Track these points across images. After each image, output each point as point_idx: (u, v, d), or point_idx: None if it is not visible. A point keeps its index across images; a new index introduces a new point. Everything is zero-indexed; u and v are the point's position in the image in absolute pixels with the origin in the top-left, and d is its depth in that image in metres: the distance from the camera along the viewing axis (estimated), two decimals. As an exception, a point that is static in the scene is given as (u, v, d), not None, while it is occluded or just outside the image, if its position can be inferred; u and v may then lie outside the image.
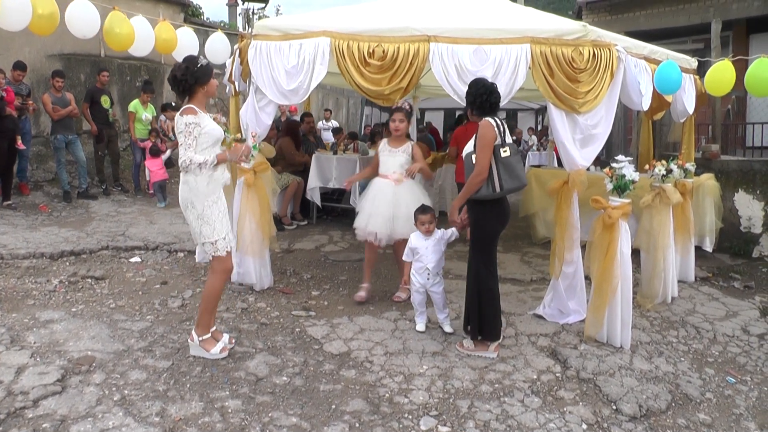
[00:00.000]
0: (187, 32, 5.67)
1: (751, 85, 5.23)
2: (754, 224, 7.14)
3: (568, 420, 3.32)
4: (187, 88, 3.75)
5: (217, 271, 3.87)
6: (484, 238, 4.04)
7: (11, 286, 5.13)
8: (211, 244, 3.78)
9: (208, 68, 3.81)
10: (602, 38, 4.44)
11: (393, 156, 5.02)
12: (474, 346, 4.12)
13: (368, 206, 4.99)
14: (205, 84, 3.77)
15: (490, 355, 4.06)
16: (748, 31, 10.65)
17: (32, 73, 9.64)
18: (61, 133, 8.59)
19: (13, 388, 3.36)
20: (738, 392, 3.79)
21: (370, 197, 5.04)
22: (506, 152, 3.89)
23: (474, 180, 3.87)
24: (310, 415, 3.25)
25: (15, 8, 4.51)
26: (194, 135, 3.65)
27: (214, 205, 3.78)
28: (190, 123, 3.64)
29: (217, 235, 3.77)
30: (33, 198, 8.71)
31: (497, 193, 3.88)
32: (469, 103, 4.06)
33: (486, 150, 3.86)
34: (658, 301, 5.24)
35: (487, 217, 4.00)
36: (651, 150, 6.90)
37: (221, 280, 3.90)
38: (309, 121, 9.03)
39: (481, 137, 3.89)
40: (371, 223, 4.92)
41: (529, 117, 17.15)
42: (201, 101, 3.81)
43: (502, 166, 3.86)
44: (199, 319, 3.91)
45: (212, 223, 3.76)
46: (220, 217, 3.80)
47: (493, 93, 3.99)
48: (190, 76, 3.72)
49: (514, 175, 3.90)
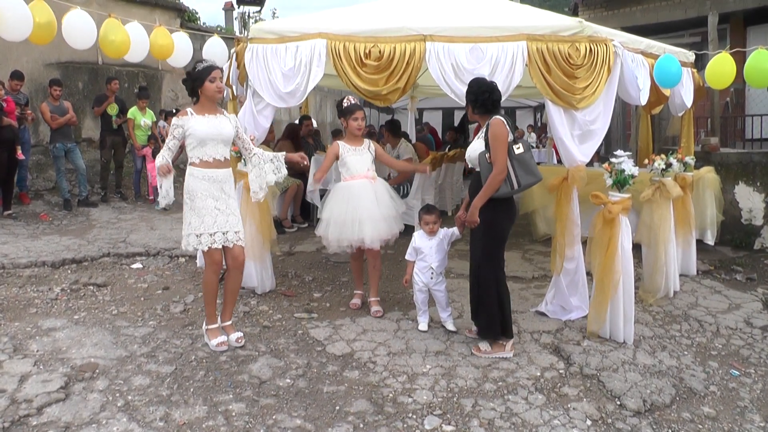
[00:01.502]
0: (182, 37, 5.67)
1: (750, 76, 5.23)
2: (755, 216, 7.14)
3: (572, 416, 3.32)
4: (190, 91, 4.01)
5: (206, 264, 4.04)
6: (497, 236, 4.05)
7: (13, 295, 5.13)
8: (195, 237, 3.91)
9: (204, 71, 3.92)
10: (598, 34, 4.44)
11: (361, 155, 4.73)
12: (491, 348, 4.08)
13: (352, 213, 4.58)
14: (201, 86, 3.94)
15: (508, 355, 4.03)
16: (745, 23, 10.63)
17: (30, 82, 9.65)
18: (60, 142, 8.60)
19: (17, 396, 3.36)
20: (742, 385, 3.78)
21: (352, 204, 4.60)
22: (519, 149, 3.93)
23: (495, 179, 3.87)
24: (314, 417, 3.24)
25: (16, 19, 4.52)
26: (175, 135, 3.90)
27: (209, 199, 3.91)
28: (174, 124, 3.93)
29: (204, 229, 3.89)
30: (33, 207, 8.71)
31: (515, 189, 3.93)
32: (471, 102, 4.07)
33: (502, 148, 3.88)
34: (660, 295, 5.23)
35: (500, 216, 4.02)
36: (650, 144, 6.89)
37: (208, 273, 4.04)
38: (307, 124, 9.03)
39: (494, 136, 3.89)
40: (361, 230, 4.56)
41: (527, 114, 17.16)
42: (203, 103, 4.01)
43: (517, 163, 3.91)
44: (205, 309, 4.15)
45: (201, 216, 3.89)
46: (214, 213, 3.92)
47: (495, 91, 4.02)
48: (189, 80, 3.97)
49: (529, 170, 3.94)
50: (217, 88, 3.95)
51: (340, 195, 4.71)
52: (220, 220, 3.93)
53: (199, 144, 3.90)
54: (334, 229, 4.62)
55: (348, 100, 4.81)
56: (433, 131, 13.79)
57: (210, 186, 3.91)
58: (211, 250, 3.93)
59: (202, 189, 3.90)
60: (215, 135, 3.93)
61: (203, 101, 3.99)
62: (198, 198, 3.89)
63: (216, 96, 3.99)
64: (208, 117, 3.95)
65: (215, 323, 4.13)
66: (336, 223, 4.61)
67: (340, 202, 4.67)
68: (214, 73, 3.94)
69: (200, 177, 3.91)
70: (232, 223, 4.00)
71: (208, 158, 3.93)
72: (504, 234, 4.09)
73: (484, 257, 4.04)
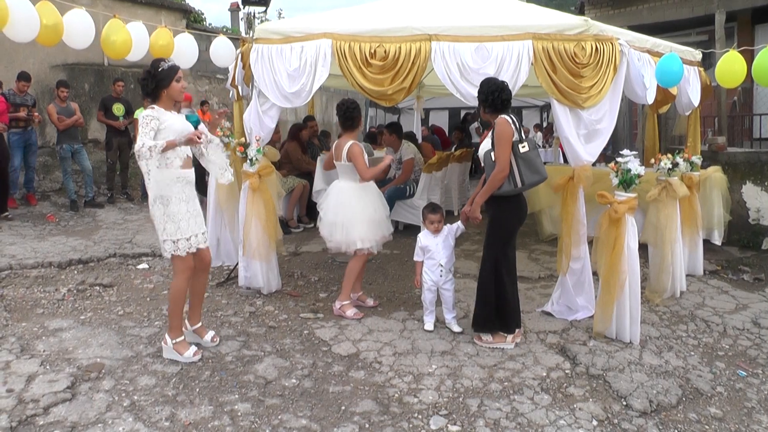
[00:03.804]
0: (187, 38, 5.68)
1: (759, 75, 5.18)
2: (762, 216, 7.09)
3: (578, 416, 3.30)
4: (150, 92, 3.80)
5: (178, 271, 3.86)
6: (503, 234, 4.11)
7: (20, 295, 5.16)
8: (172, 243, 3.76)
9: (170, 71, 3.79)
10: (604, 32, 4.42)
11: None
12: (492, 338, 4.17)
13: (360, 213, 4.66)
14: (166, 87, 3.78)
15: (508, 346, 4.14)
16: (753, 21, 10.57)
17: (37, 83, 9.70)
18: (66, 143, 8.64)
19: (24, 396, 3.38)
20: (749, 385, 3.75)
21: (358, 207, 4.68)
22: (525, 147, 3.96)
23: (497, 176, 3.93)
24: (319, 417, 3.24)
25: (23, 20, 4.53)
26: (151, 126, 3.65)
27: (182, 203, 3.79)
28: (146, 115, 3.67)
29: (181, 234, 3.77)
30: (40, 208, 8.77)
31: (519, 188, 3.96)
32: (482, 101, 4.11)
33: (505, 146, 3.92)
34: (667, 295, 5.21)
35: (506, 214, 4.09)
36: (657, 144, 6.86)
37: (180, 280, 3.88)
38: (312, 125, 9.02)
39: (499, 134, 3.95)
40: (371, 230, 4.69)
41: (534, 114, 17.10)
42: (166, 103, 3.83)
43: (522, 162, 3.94)
44: (170, 322, 3.94)
45: (177, 222, 3.76)
46: (187, 217, 3.80)
47: (504, 90, 4.05)
48: (151, 80, 3.77)
49: (534, 169, 3.97)
50: (182, 87, 3.85)
51: (344, 197, 4.73)
52: (192, 223, 3.84)
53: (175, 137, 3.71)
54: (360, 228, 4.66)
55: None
56: (440, 131, 13.74)
57: (183, 188, 3.80)
58: (188, 255, 3.82)
59: (176, 192, 3.76)
60: (185, 131, 3.78)
61: (165, 102, 3.81)
62: (173, 203, 3.75)
63: (180, 97, 3.89)
64: (175, 114, 3.86)
65: (182, 335, 3.94)
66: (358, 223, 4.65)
67: (346, 204, 4.70)
68: (179, 73, 3.85)
69: (174, 179, 3.76)
70: (200, 225, 3.93)
71: (183, 156, 3.81)
72: (509, 232, 4.13)
73: (486, 252, 4.15)
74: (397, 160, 7.70)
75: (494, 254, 4.11)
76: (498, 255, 4.10)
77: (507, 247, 4.13)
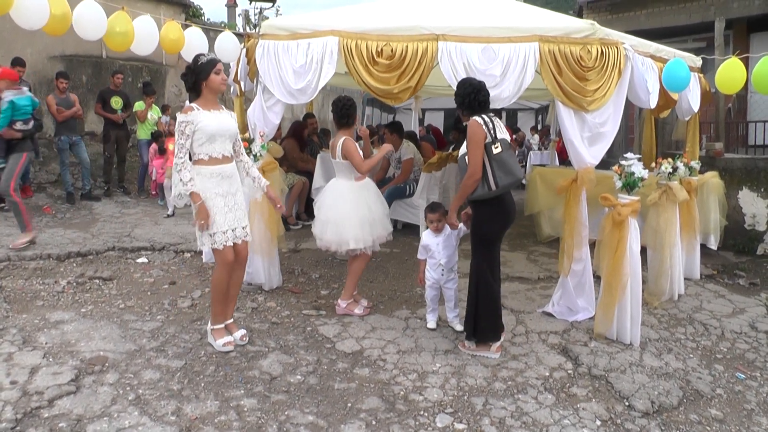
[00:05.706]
0: (196, 32, 5.66)
1: (758, 83, 5.24)
2: (758, 222, 7.17)
3: (582, 416, 3.34)
4: (191, 86, 3.91)
5: (218, 263, 3.97)
6: (483, 239, 4.00)
7: (20, 287, 5.13)
8: (209, 236, 3.86)
9: (207, 64, 3.85)
10: (610, 36, 4.46)
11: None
12: (476, 346, 4.09)
13: (353, 213, 4.62)
14: (206, 80, 3.85)
15: (491, 355, 4.03)
16: (748, 30, 10.68)
17: (34, 74, 9.64)
18: (65, 135, 8.58)
19: (28, 388, 3.36)
20: (748, 388, 3.80)
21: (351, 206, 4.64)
22: (498, 149, 3.83)
23: (468, 181, 3.84)
24: (326, 413, 3.25)
25: (32, 7, 4.47)
26: (186, 133, 3.78)
27: (218, 197, 3.86)
28: (181, 122, 3.79)
29: (217, 228, 3.85)
30: (36, 200, 8.69)
31: (494, 191, 3.83)
32: (458, 104, 4.03)
33: (476, 149, 3.81)
34: (665, 298, 5.26)
35: (487, 218, 3.97)
36: (654, 149, 6.92)
37: (220, 271, 3.95)
38: (312, 122, 9.00)
39: (470, 137, 3.86)
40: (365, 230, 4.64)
41: (529, 116, 17.16)
42: (207, 97, 3.91)
43: (495, 164, 3.81)
44: (211, 308, 4.09)
45: (213, 215, 3.84)
46: (224, 211, 3.88)
47: (481, 91, 3.96)
48: (191, 74, 3.88)
49: (508, 170, 3.83)
50: (222, 80, 3.91)
51: (344, 195, 4.72)
52: (230, 217, 3.91)
53: (208, 140, 3.82)
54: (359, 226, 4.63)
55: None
56: (436, 131, 13.75)
57: (219, 183, 3.87)
58: (225, 248, 3.88)
59: (212, 187, 3.83)
60: (223, 131, 3.89)
61: (206, 95, 3.89)
62: (208, 198, 3.82)
63: (221, 88, 3.95)
64: (213, 112, 3.89)
65: (221, 323, 4.07)
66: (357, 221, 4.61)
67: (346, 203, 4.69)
68: (219, 65, 3.90)
69: (209, 174, 3.84)
70: (240, 218, 3.99)
71: (217, 155, 3.88)
72: (490, 236, 4.00)
73: (471, 254, 4.05)
74: (397, 159, 7.72)
75: (476, 261, 4.00)
76: (479, 261, 3.98)
77: (490, 253, 4.01)
